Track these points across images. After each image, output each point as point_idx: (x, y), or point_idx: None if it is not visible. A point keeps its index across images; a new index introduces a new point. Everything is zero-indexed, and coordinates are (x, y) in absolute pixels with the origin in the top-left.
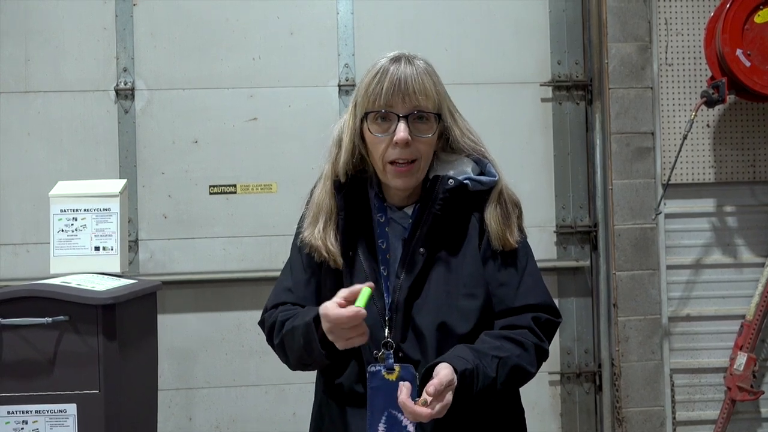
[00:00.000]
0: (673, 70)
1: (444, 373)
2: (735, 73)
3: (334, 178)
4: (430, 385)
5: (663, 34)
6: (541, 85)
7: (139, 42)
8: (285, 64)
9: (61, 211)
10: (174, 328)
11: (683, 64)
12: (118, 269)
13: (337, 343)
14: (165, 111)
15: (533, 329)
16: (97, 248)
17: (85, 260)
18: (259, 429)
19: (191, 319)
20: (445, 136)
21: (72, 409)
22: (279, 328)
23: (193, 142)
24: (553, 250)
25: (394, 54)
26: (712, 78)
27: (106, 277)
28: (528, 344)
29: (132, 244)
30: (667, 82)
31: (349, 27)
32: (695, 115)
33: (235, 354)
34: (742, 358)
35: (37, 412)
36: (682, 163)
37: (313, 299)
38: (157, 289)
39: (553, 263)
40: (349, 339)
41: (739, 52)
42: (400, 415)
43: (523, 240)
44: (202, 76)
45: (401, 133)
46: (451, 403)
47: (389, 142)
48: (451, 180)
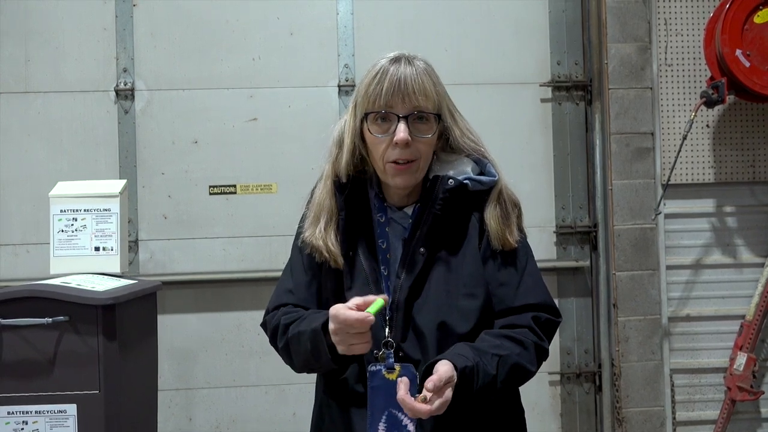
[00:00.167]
0: (672, 71)
1: (443, 370)
2: (734, 74)
3: (335, 179)
4: (429, 381)
5: (663, 34)
6: (541, 86)
7: (139, 42)
8: (285, 65)
9: (61, 211)
10: (174, 329)
11: (683, 65)
12: (118, 269)
13: (339, 347)
14: (165, 111)
15: (533, 328)
16: (97, 248)
17: (85, 260)
18: (259, 429)
19: (191, 319)
20: (445, 136)
21: (72, 409)
22: (283, 332)
23: (193, 143)
24: (552, 251)
25: (394, 54)
26: (712, 78)
27: (106, 277)
28: (528, 343)
29: (132, 245)
30: (667, 82)
31: (348, 27)
32: (695, 116)
33: (235, 354)
34: (742, 358)
35: (37, 413)
36: (681, 163)
37: (314, 300)
38: (157, 290)
39: (553, 263)
40: (352, 345)
41: (738, 53)
42: (400, 415)
43: (523, 240)
44: (202, 77)
45: (401, 134)
46: (451, 401)
47: (389, 143)
48: (451, 180)
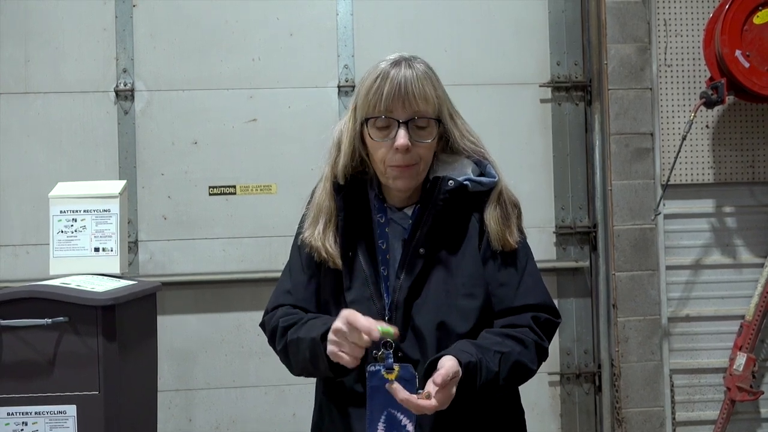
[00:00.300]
0: (672, 71)
1: (449, 365)
2: (734, 74)
3: (333, 180)
4: (438, 376)
5: (662, 35)
6: (541, 86)
7: (138, 43)
8: (284, 65)
9: (61, 212)
10: (174, 329)
11: (682, 65)
12: (117, 270)
13: (330, 347)
14: (165, 112)
15: (533, 328)
16: (97, 249)
17: (85, 261)
18: (259, 430)
19: (191, 320)
20: (445, 137)
21: (72, 410)
22: (281, 335)
23: (193, 143)
24: (552, 251)
25: (394, 57)
26: (711, 79)
27: (106, 278)
28: (528, 342)
29: (132, 245)
30: (667, 82)
31: (348, 28)
32: (694, 116)
33: (235, 355)
34: (742, 359)
35: (36, 414)
36: (681, 163)
37: (312, 300)
38: (157, 290)
39: (553, 264)
40: (341, 351)
41: (738, 53)
42: (399, 415)
43: (523, 240)
44: (202, 77)
45: (401, 140)
46: (454, 398)
47: (390, 147)
48: (451, 181)
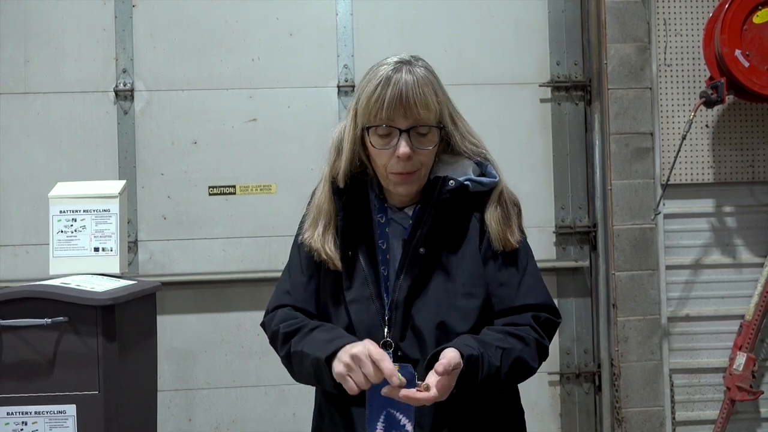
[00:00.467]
0: (672, 71)
1: (451, 356)
2: (734, 74)
3: (332, 181)
4: (440, 365)
5: (662, 34)
6: (540, 86)
7: (138, 43)
8: (284, 65)
9: (61, 212)
10: (173, 329)
11: (682, 65)
12: (117, 270)
13: (337, 367)
14: (164, 112)
15: (534, 327)
16: (97, 249)
17: (85, 261)
18: (259, 430)
19: (191, 319)
20: (446, 139)
21: (71, 410)
22: (283, 341)
23: (193, 143)
24: (552, 251)
25: (395, 61)
26: (711, 78)
27: (106, 278)
28: (529, 339)
29: (131, 245)
30: (666, 82)
31: (348, 28)
32: (694, 116)
33: (235, 355)
34: (742, 358)
35: (36, 413)
36: (681, 163)
37: (312, 301)
38: (157, 290)
39: (553, 264)
40: (349, 375)
41: (737, 53)
42: (398, 414)
43: (524, 240)
44: (202, 77)
45: (402, 149)
46: (456, 393)
47: (391, 155)
48: (451, 181)
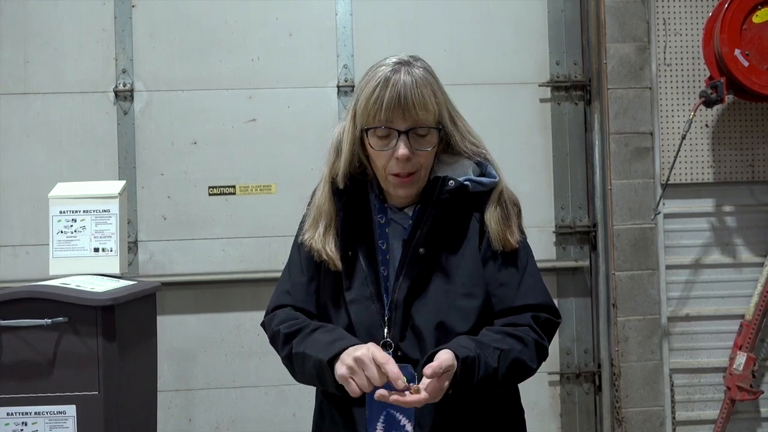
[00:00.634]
0: (671, 71)
1: (444, 358)
2: (733, 73)
3: (331, 182)
4: (429, 368)
5: (661, 34)
6: (540, 86)
7: (138, 43)
8: (284, 65)
9: (61, 212)
10: (173, 329)
11: (682, 64)
12: (117, 270)
13: (340, 368)
14: (164, 112)
15: (533, 327)
16: (97, 249)
17: (85, 261)
18: (259, 430)
19: (191, 320)
20: (446, 139)
21: (71, 410)
22: (284, 342)
23: (192, 144)
24: (552, 251)
25: (394, 61)
26: (711, 78)
27: (106, 278)
28: (528, 340)
29: (131, 246)
30: (666, 82)
31: (347, 28)
32: (694, 115)
33: (235, 355)
34: (742, 358)
35: (36, 414)
36: (681, 163)
37: (312, 301)
38: (157, 290)
39: (552, 263)
40: (352, 378)
41: (737, 52)
42: (398, 415)
43: (524, 240)
44: (201, 78)
45: (401, 151)
46: (452, 394)
47: (390, 156)
48: (451, 181)
